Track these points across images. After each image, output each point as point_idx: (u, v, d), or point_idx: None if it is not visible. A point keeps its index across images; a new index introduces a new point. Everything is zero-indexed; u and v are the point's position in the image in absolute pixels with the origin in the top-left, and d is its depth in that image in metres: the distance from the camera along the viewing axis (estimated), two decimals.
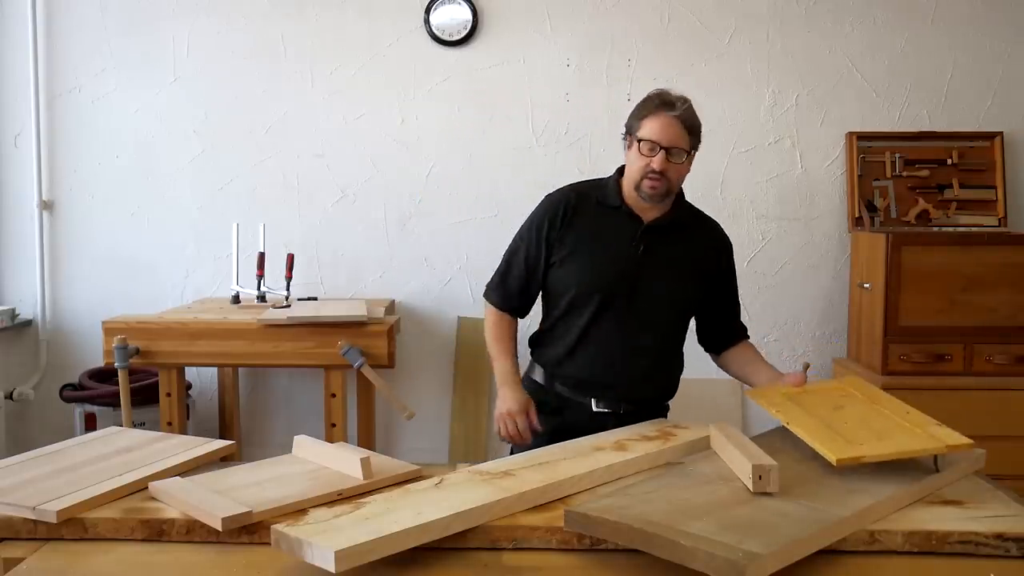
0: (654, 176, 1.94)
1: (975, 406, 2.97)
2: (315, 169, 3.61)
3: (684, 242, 2.04)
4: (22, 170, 3.62)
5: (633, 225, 2.01)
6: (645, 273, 1.99)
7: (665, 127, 1.93)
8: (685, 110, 1.96)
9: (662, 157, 1.92)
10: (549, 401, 2.05)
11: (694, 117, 1.99)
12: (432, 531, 1.29)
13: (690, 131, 1.97)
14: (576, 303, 2.01)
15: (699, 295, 2.07)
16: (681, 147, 1.94)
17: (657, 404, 2.12)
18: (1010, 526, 1.33)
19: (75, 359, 3.63)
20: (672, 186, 1.98)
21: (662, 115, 1.93)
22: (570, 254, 2.01)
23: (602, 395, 2.02)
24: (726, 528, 1.22)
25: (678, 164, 1.95)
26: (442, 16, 3.52)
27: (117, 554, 1.34)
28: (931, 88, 3.51)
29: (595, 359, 2.01)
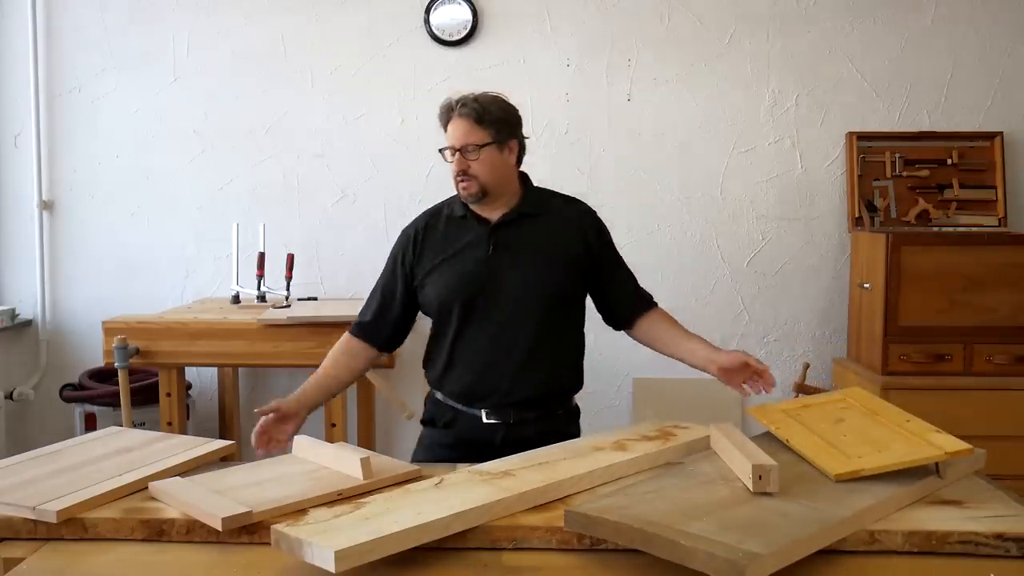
0: (460, 178, 1.96)
1: (975, 406, 2.97)
2: (315, 169, 3.61)
3: (538, 230, 2.01)
4: (22, 170, 3.62)
5: (481, 228, 2.01)
6: (499, 272, 1.97)
7: (452, 130, 1.96)
8: (464, 106, 1.95)
9: (458, 158, 1.95)
10: (441, 416, 2.05)
11: (484, 108, 1.95)
12: (432, 531, 1.29)
13: (480, 122, 1.94)
14: (441, 318, 2.02)
15: (568, 278, 2.01)
16: (472, 142, 1.94)
17: (551, 405, 2.05)
18: (1010, 526, 1.33)
19: (75, 359, 3.63)
20: (487, 182, 1.96)
21: (452, 119, 1.97)
22: (427, 274, 2.02)
23: (486, 403, 1.99)
24: (726, 528, 1.22)
25: (476, 160, 1.94)
26: (442, 16, 3.52)
27: (117, 554, 1.34)
28: (931, 88, 3.51)
29: (469, 368, 1.99)
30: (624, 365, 3.56)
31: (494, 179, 1.98)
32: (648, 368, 3.61)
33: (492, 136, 1.96)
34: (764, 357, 3.59)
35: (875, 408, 1.74)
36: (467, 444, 1.98)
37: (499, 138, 1.97)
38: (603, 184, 3.56)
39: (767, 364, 1.92)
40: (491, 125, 1.96)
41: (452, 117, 1.96)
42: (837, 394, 1.87)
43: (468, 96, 1.97)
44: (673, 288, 3.57)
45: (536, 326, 1.97)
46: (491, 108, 1.97)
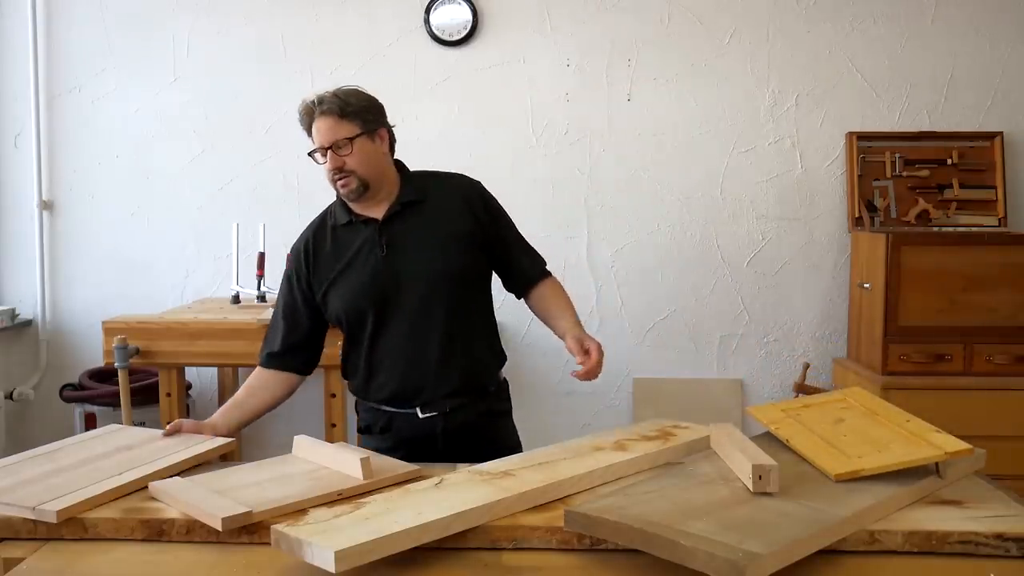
0: (337, 176, 1.93)
1: (975, 406, 2.97)
2: (315, 169, 3.58)
3: (425, 215, 1.98)
4: (22, 170, 3.62)
5: (368, 229, 1.97)
6: (397, 268, 1.94)
7: (318, 129, 1.92)
8: (324, 104, 1.91)
9: (332, 156, 1.92)
10: (376, 421, 2.02)
11: (345, 101, 1.92)
12: (432, 531, 1.29)
13: (344, 116, 1.91)
14: (352, 327, 1.98)
15: (466, 258, 1.97)
16: (341, 137, 1.91)
17: (481, 385, 2.03)
18: (1010, 526, 1.33)
19: (75, 359, 3.63)
20: (365, 174, 1.94)
21: (316, 119, 1.92)
22: (327, 288, 1.97)
23: (416, 400, 1.96)
24: (726, 528, 1.22)
25: (349, 155, 1.92)
26: (442, 16, 3.52)
27: (117, 554, 1.34)
28: (931, 88, 3.51)
29: (391, 372, 1.96)
30: (624, 365, 3.57)
31: (371, 170, 1.95)
32: (648, 368, 3.61)
33: (360, 127, 1.92)
34: (764, 357, 3.60)
35: (875, 408, 1.74)
36: (409, 443, 1.95)
37: (367, 128, 1.94)
38: (603, 184, 3.56)
39: (592, 358, 1.86)
40: (356, 116, 1.92)
41: (315, 117, 1.92)
42: (837, 394, 1.87)
43: (325, 93, 1.93)
44: (673, 288, 3.58)
45: (447, 314, 1.93)
46: (351, 100, 1.93)
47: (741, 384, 3.61)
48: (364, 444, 2.07)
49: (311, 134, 1.95)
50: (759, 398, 3.57)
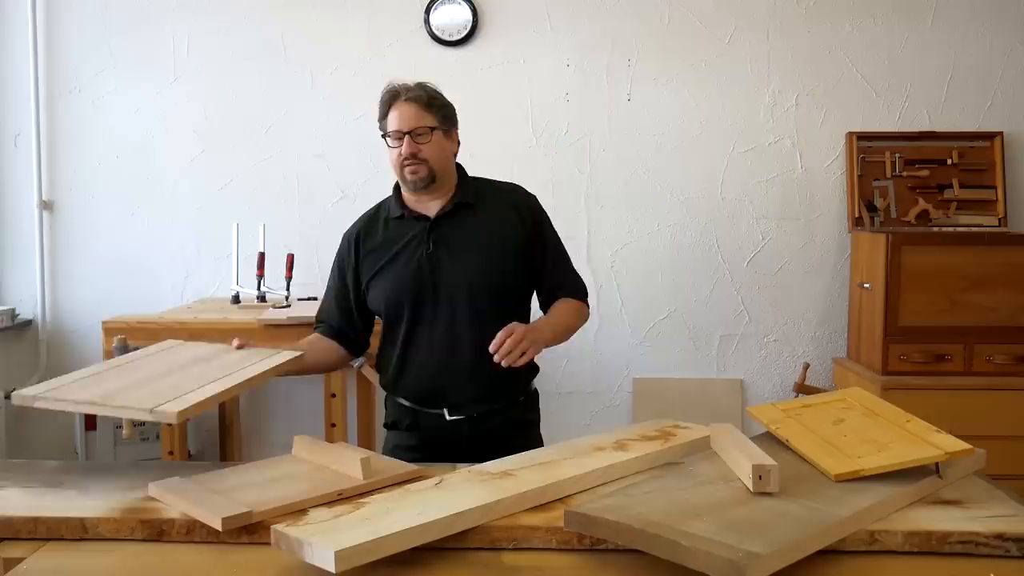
0: (409, 161, 1.94)
1: (975, 406, 2.97)
2: (315, 169, 3.61)
3: (477, 222, 2.00)
4: (22, 170, 3.62)
5: (419, 225, 2.00)
6: (440, 267, 1.96)
7: (400, 113, 1.95)
8: (411, 92, 1.96)
9: (408, 141, 1.94)
10: (403, 418, 2.04)
11: (431, 94, 1.99)
12: (432, 531, 1.29)
13: (429, 107, 1.96)
14: (389, 320, 2.00)
15: (510, 267, 1.99)
16: (423, 125, 1.94)
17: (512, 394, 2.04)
18: (1010, 526, 1.33)
19: (75, 359, 3.63)
20: (436, 167, 1.97)
21: (395, 104, 1.96)
22: (372, 277, 2.01)
23: (445, 402, 1.98)
24: (726, 528, 1.22)
25: (427, 144, 1.95)
26: (442, 16, 3.52)
27: (117, 554, 1.34)
28: (931, 88, 3.51)
29: (423, 370, 1.98)
30: (624, 365, 3.57)
31: (441, 164, 1.98)
32: (648, 368, 3.61)
33: (439, 122, 1.98)
34: (764, 357, 3.60)
35: (875, 408, 1.74)
36: (434, 444, 1.97)
37: (445, 125, 2.00)
38: (603, 184, 3.56)
39: (499, 337, 1.82)
40: (439, 111, 1.98)
41: (397, 102, 1.95)
42: (837, 394, 1.87)
43: (410, 83, 1.98)
44: (673, 288, 3.58)
45: (483, 319, 1.93)
46: (436, 95, 2.00)
47: (741, 384, 3.61)
48: (389, 440, 2.08)
49: (385, 116, 1.98)
50: (759, 398, 3.57)
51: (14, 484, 1.57)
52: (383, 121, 1.99)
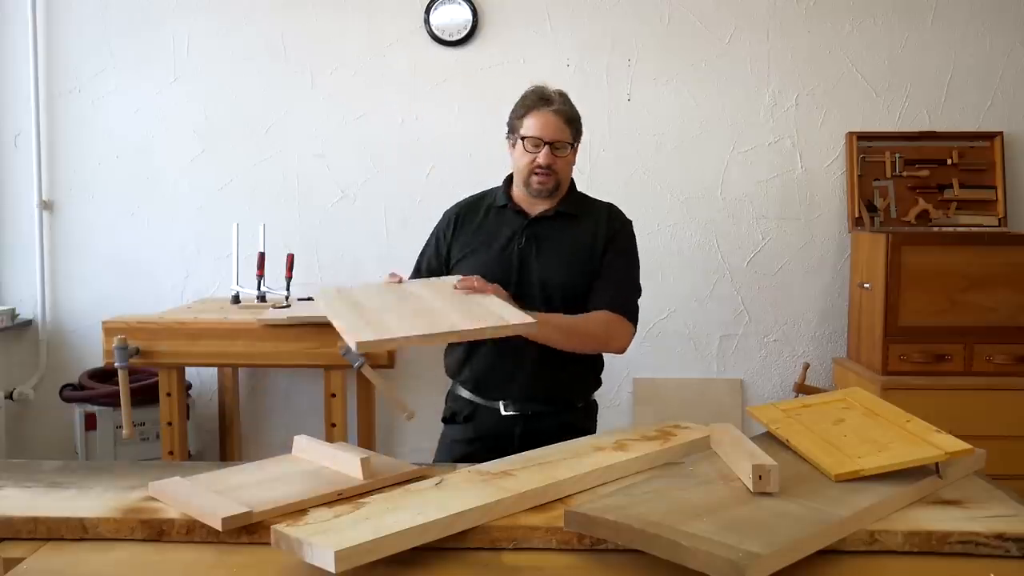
0: (541, 171, 1.97)
1: (975, 406, 2.97)
2: (315, 169, 3.61)
3: (572, 231, 2.03)
4: (22, 170, 3.62)
5: (518, 220, 2.04)
6: (528, 266, 2.00)
7: (545, 122, 1.96)
8: (563, 103, 1.99)
9: (547, 152, 1.96)
10: (461, 410, 2.08)
11: (572, 109, 2.01)
12: (432, 531, 1.29)
13: (569, 122, 1.99)
14: None
15: (587, 277, 2.02)
16: (563, 140, 1.98)
17: (571, 398, 2.06)
18: (1010, 526, 1.33)
19: (75, 359, 3.63)
20: (561, 180, 2.01)
21: (541, 111, 1.97)
22: (461, 258, 2.06)
23: (504, 395, 2.01)
24: (726, 528, 1.22)
25: (563, 157, 1.98)
26: (442, 16, 3.52)
27: (117, 554, 1.34)
28: (931, 88, 3.51)
29: (489, 357, 2.01)
30: (624, 365, 3.56)
31: (566, 178, 2.04)
32: (648, 368, 3.61)
33: (574, 136, 2.02)
34: (764, 357, 3.60)
35: (875, 408, 1.74)
36: (488, 438, 1.99)
37: (576, 142, 2.03)
38: (603, 184, 3.55)
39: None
40: (575, 128, 2.02)
41: (544, 109, 1.97)
42: (837, 394, 1.87)
43: (560, 91, 2.01)
44: (673, 288, 3.58)
45: None
46: (576, 113, 2.03)
47: (741, 384, 3.61)
48: (446, 435, 2.13)
49: (524, 116, 1.99)
50: (759, 398, 3.58)
51: (14, 484, 1.57)
52: (519, 120, 2.00)
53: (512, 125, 2.03)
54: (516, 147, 2.02)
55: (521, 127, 1.99)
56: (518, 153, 2.01)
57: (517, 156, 2.02)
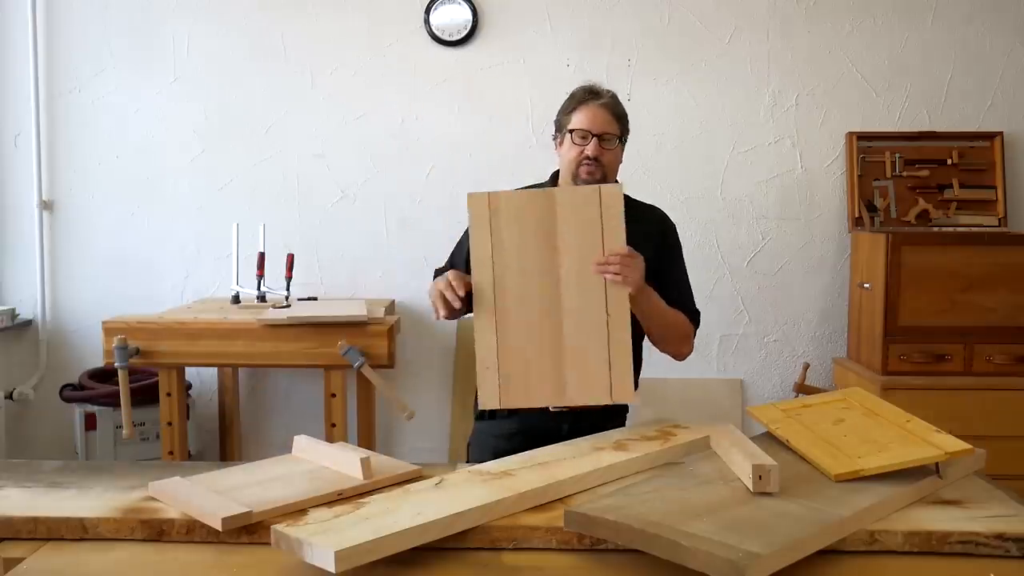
0: (589, 162, 1.98)
1: (975, 406, 2.97)
2: (315, 169, 3.61)
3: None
4: (22, 170, 3.62)
5: None
6: None
7: (594, 115, 1.99)
8: (611, 98, 2.01)
9: (595, 143, 1.97)
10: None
11: (620, 105, 2.03)
12: (432, 531, 1.29)
13: (617, 118, 2.01)
14: None
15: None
16: (612, 132, 1.99)
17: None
18: (1010, 526, 1.33)
19: (75, 359, 3.63)
20: (608, 173, 2.01)
21: (589, 105, 1.99)
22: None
23: None
24: (726, 528, 1.22)
25: (611, 150, 1.99)
26: (442, 16, 3.52)
27: (117, 554, 1.34)
28: (931, 88, 3.51)
29: None
30: None
31: (612, 173, 2.03)
32: (648, 368, 3.60)
33: (622, 132, 2.02)
34: (764, 357, 3.60)
35: (875, 408, 1.74)
36: (532, 432, 1.93)
37: (624, 138, 2.04)
38: None
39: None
40: (623, 124, 2.03)
41: (592, 103, 1.99)
42: (837, 394, 1.87)
43: (607, 89, 2.02)
44: None
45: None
46: (623, 109, 2.04)
47: (741, 384, 3.61)
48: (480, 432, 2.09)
49: (572, 111, 2.01)
50: (759, 398, 3.58)
51: (14, 484, 1.57)
52: (568, 116, 2.02)
53: (560, 122, 2.05)
54: (564, 142, 2.03)
55: (569, 122, 2.01)
56: (566, 147, 2.02)
57: (565, 151, 2.03)
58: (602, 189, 1.80)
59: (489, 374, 1.78)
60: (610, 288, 1.77)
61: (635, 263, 1.79)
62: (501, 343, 1.78)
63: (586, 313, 1.79)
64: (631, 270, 1.78)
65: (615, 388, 1.78)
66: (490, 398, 1.79)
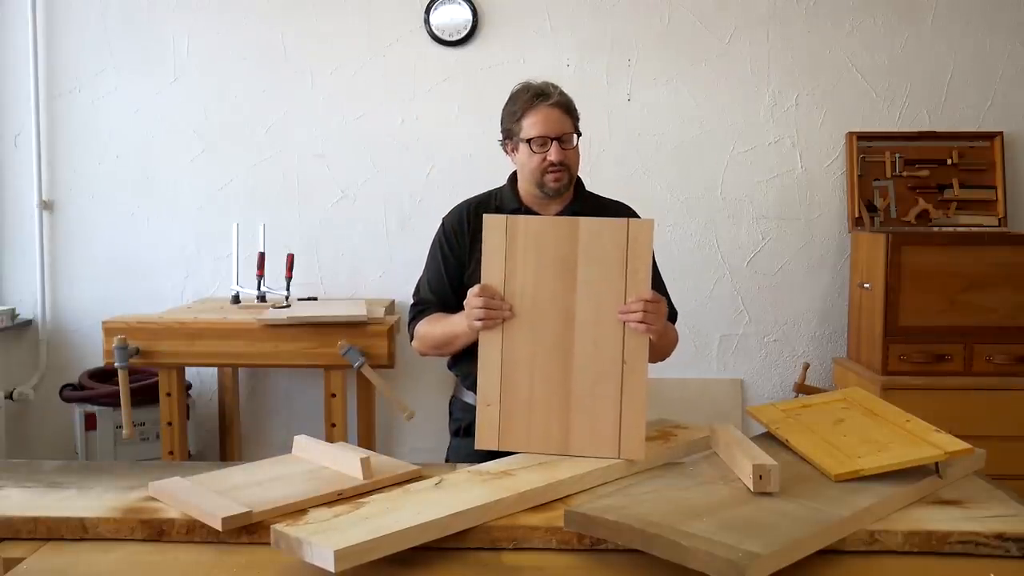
0: (555, 168, 1.90)
1: (975, 406, 2.97)
2: (315, 169, 3.61)
3: None
4: (22, 170, 3.62)
5: None
6: None
7: (547, 117, 1.90)
8: (558, 94, 1.93)
9: (556, 148, 1.89)
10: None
11: (567, 97, 1.95)
12: (432, 531, 1.29)
13: (569, 112, 1.94)
14: None
15: None
16: (569, 131, 1.92)
17: None
18: (1010, 526, 1.33)
19: (75, 359, 3.63)
20: (574, 175, 1.96)
21: (540, 108, 1.90)
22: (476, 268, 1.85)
23: None
24: (726, 528, 1.22)
25: (571, 150, 1.93)
26: (442, 16, 3.52)
27: (117, 554, 1.34)
28: (931, 88, 3.51)
29: None
30: None
31: (576, 170, 1.97)
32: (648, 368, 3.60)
33: (575, 127, 1.95)
34: (764, 357, 3.60)
35: (875, 408, 1.74)
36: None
37: (578, 131, 1.96)
38: (603, 184, 3.53)
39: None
40: (574, 116, 1.95)
41: (543, 105, 1.90)
42: (837, 394, 1.87)
43: (550, 83, 1.93)
44: (673, 288, 3.55)
45: None
46: (570, 99, 1.95)
47: (741, 384, 3.61)
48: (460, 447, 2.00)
49: (521, 118, 1.91)
50: (759, 398, 3.57)
51: (14, 484, 1.57)
52: (518, 122, 1.92)
53: (510, 129, 1.95)
54: (520, 150, 1.94)
55: (521, 129, 1.92)
56: (524, 156, 1.93)
57: (524, 159, 1.94)
58: (631, 223, 1.67)
59: (490, 411, 1.67)
60: (629, 332, 1.65)
61: (660, 309, 1.68)
62: (505, 380, 1.67)
63: (600, 357, 1.65)
64: (656, 317, 1.66)
65: (624, 443, 1.62)
66: (488, 439, 1.68)
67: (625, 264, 1.68)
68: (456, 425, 2.04)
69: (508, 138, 1.97)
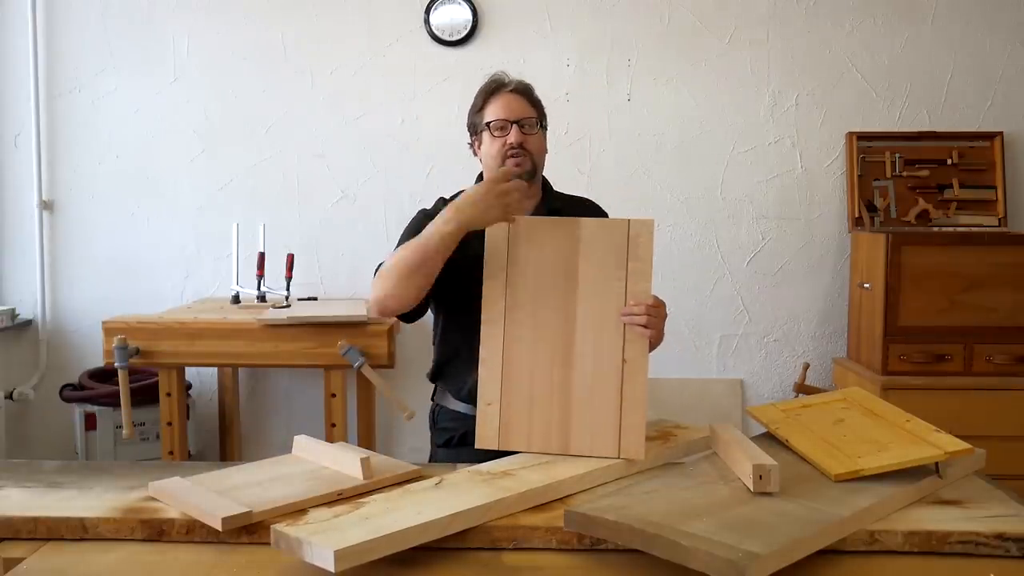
0: (515, 152, 1.89)
1: (975, 406, 2.97)
2: (315, 169, 3.61)
3: None
4: (22, 170, 3.62)
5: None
6: None
7: (507, 102, 1.92)
8: (521, 85, 1.95)
9: (515, 131, 1.89)
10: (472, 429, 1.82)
11: (532, 90, 1.97)
12: (432, 531, 1.29)
13: (532, 103, 1.94)
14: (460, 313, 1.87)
15: None
16: (529, 116, 1.92)
17: None
18: (1010, 526, 1.33)
19: (75, 359, 3.63)
20: (538, 163, 1.94)
21: (499, 95, 1.93)
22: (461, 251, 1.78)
23: None
24: (726, 528, 1.22)
25: (533, 135, 1.92)
26: (442, 16, 3.52)
27: (117, 554, 1.34)
28: (931, 88, 3.51)
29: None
30: None
31: (540, 162, 1.96)
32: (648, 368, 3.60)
33: (539, 118, 1.95)
34: (764, 357, 3.60)
35: (875, 408, 1.74)
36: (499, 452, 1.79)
37: (543, 123, 1.97)
38: (603, 184, 3.56)
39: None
40: (539, 109, 1.96)
41: (502, 92, 1.93)
42: (837, 394, 1.87)
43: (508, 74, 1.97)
44: (673, 288, 3.57)
45: None
46: (533, 91, 1.98)
47: (741, 384, 3.61)
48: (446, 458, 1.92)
49: (483, 108, 1.94)
50: (759, 398, 3.57)
51: (14, 484, 1.57)
52: (480, 113, 1.95)
53: (473, 123, 1.97)
54: (483, 140, 1.95)
55: (483, 118, 1.94)
56: (486, 144, 1.93)
57: (486, 148, 1.93)
58: (632, 222, 1.68)
59: (491, 411, 1.67)
60: (630, 333, 1.66)
61: (662, 312, 1.69)
62: (506, 379, 1.67)
63: (600, 357, 1.66)
64: (658, 320, 1.67)
65: (624, 443, 1.62)
66: (489, 438, 1.67)
67: (626, 264, 1.69)
68: (448, 435, 1.98)
69: (473, 134, 1.99)
